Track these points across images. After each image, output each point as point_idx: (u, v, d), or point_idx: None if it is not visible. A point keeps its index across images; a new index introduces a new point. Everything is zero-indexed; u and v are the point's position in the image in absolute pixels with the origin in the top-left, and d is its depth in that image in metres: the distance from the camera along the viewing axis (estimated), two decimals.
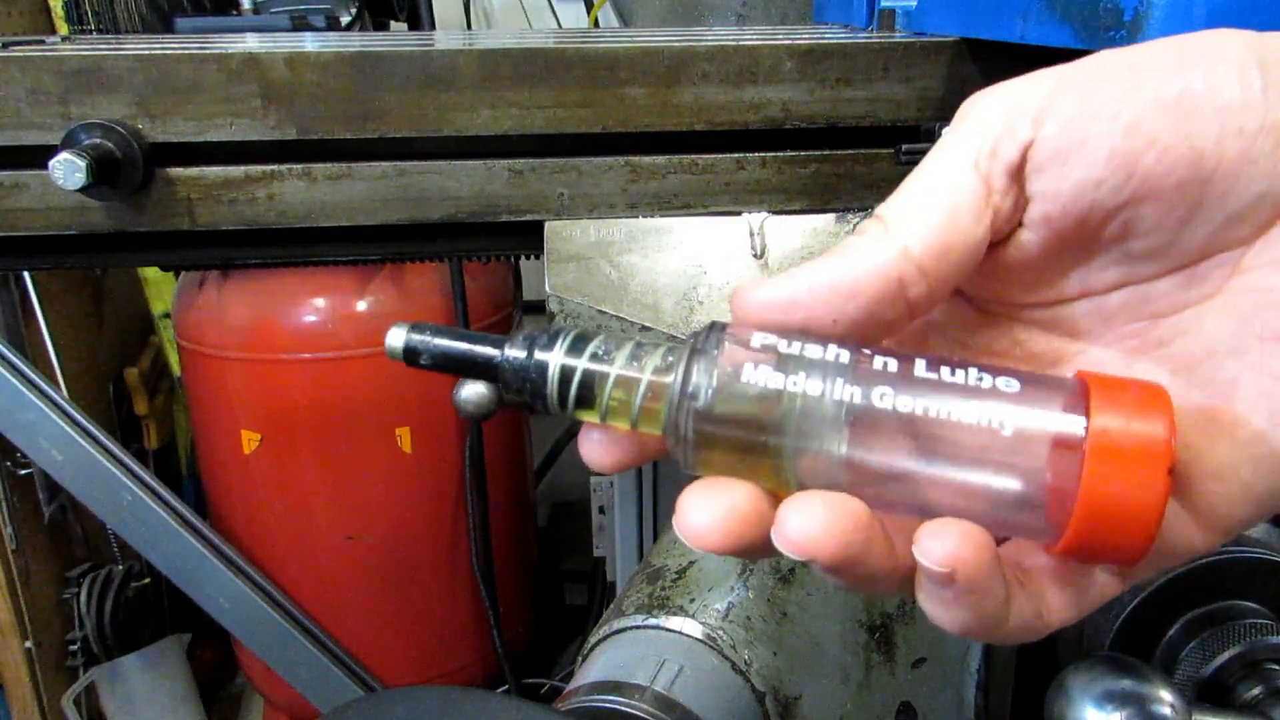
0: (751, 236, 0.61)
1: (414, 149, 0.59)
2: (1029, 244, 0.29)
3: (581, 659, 0.66)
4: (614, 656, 0.63)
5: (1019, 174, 0.28)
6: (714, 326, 0.28)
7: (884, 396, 0.26)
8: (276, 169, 0.59)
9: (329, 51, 0.57)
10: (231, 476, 1.44)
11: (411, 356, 0.29)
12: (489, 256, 0.67)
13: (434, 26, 1.45)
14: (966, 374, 0.26)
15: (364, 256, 0.66)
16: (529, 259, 0.68)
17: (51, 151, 0.53)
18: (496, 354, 0.28)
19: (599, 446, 0.30)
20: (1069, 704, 0.51)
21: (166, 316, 1.64)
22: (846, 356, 0.27)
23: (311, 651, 1.09)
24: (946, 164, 0.28)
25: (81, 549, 1.59)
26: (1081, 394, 0.26)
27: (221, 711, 1.79)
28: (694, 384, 0.27)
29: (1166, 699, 0.49)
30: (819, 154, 0.61)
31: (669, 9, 1.16)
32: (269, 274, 1.32)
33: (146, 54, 0.56)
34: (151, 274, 1.66)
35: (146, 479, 1.04)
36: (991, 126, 0.28)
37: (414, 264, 1.36)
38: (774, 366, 0.26)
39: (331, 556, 1.44)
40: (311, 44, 0.63)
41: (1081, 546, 0.25)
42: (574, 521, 1.92)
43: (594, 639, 0.66)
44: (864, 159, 0.61)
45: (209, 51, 0.57)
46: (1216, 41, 0.27)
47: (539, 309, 1.09)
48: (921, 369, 0.26)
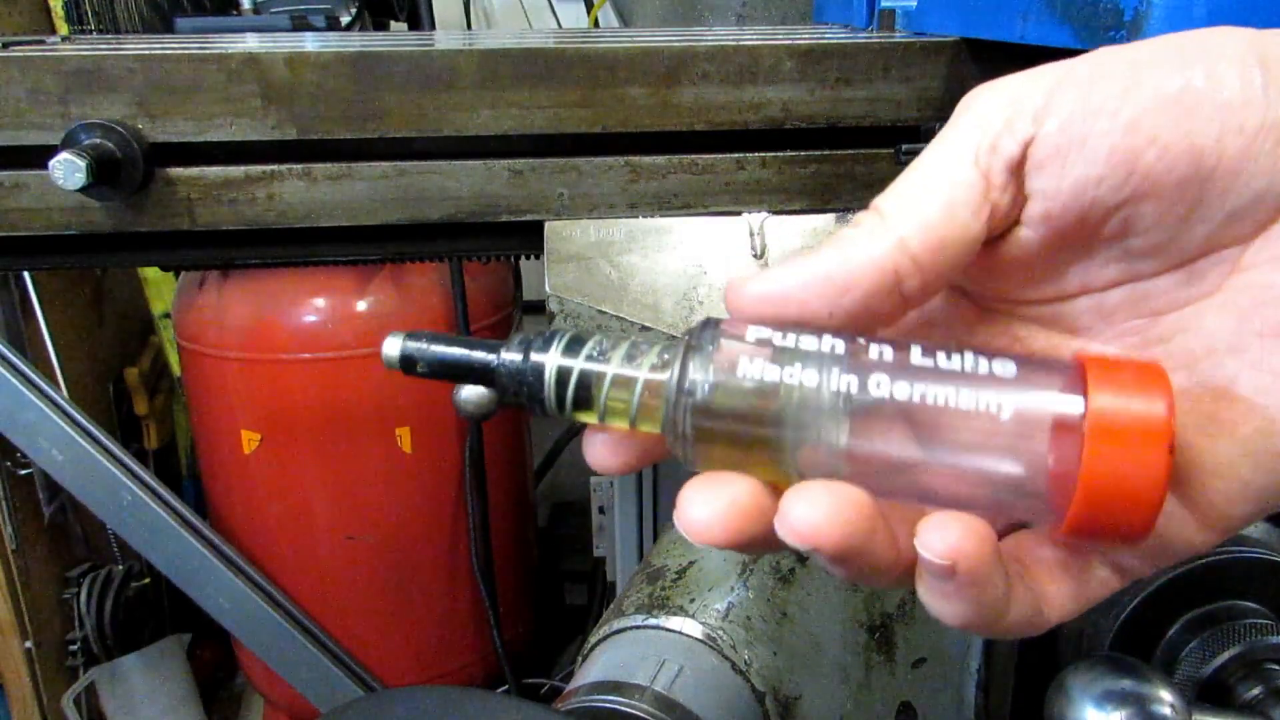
0: (751, 236, 0.61)
1: (414, 149, 0.59)
2: (1028, 241, 0.29)
3: (581, 659, 0.66)
4: (614, 656, 0.63)
5: (1019, 170, 0.28)
6: (708, 322, 0.28)
7: (880, 385, 0.26)
8: (276, 169, 0.59)
9: (329, 51, 0.57)
10: (231, 476, 1.44)
11: (408, 365, 0.29)
12: (489, 256, 0.67)
13: (434, 26, 1.45)
14: (963, 359, 0.26)
15: (364, 256, 0.66)
16: (529, 259, 0.68)
17: (51, 151, 0.53)
18: (492, 359, 0.28)
19: (604, 449, 0.30)
20: (1069, 704, 0.51)
21: (166, 316, 1.64)
22: (842, 347, 0.27)
23: (311, 651, 1.09)
24: (945, 158, 0.28)
25: (81, 549, 1.59)
26: (1079, 375, 0.26)
27: (221, 711, 1.79)
28: (690, 380, 0.27)
29: (1166, 699, 0.49)
30: (819, 154, 0.61)
31: (669, 9, 1.16)
32: (269, 274, 1.32)
33: (146, 54, 0.56)
34: (151, 274, 1.66)
35: (146, 479, 1.04)
36: (992, 121, 0.28)
37: (414, 264, 1.36)
38: (769, 359, 0.26)
39: (331, 556, 1.44)
40: (311, 44, 0.63)
41: (1085, 527, 0.25)
42: (574, 521, 1.92)
43: (594, 639, 0.66)
44: (864, 159, 0.62)
45: (209, 51, 0.57)
46: (1217, 39, 0.27)
47: (539, 309, 1.09)
48: (917, 356, 0.26)
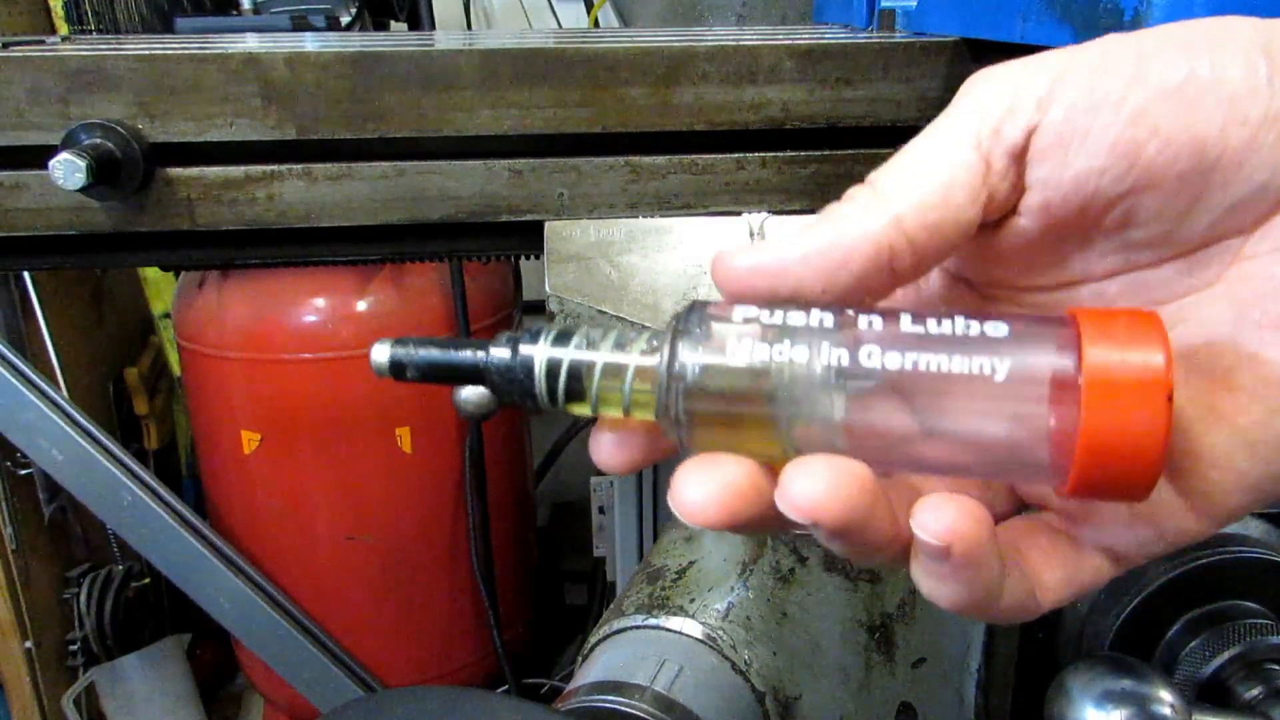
0: (751, 236, 0.61)
1: (414, 149, 0.59)
2: (1026, 230, 0.29)
3: (581, 659, 0.66)
4: (614, 656, 0.63)
5: (1020, 158, 0.27)
6: (695, 305, 0.28)
7: (872, 356, 0.25)
8: (276, 169, 0.59)
9: (329, 51, 0.57)
10: (231, 476, 1.44)
11: (397, 371, 0.29)
12: (489, 256, 0.67)
13: (434, 26, 1.45)
14: (954, 323, 0.26)
15: (364, 256, 0.66)
16: (529, 259, 0.68)
17: (51, 151, 0.53)
18: (481, 357, 0.28)
19: (610, 448, 0.30)
20: (1069, 704, 0.51)
21: (166, 316, 1.64)
22: (831, 320, 0.26)
23: (311, 651, 1.09)
24: (945, 138, 0.28)
25: (81, 549, 1.59)
26: (1073, 330, 0.25)
27: (221, 711, 1.79)
28: (680, 363, 0.26)
29: (1166, 699, 0.49)
30: (819, 154, 0.61)
31: (669, 9, 1.16)
32: (269, 274, 1.32)
33: (146, 54, 0.56)
34: (151, 274, 1.66)
35: (146, 479, 1.04)
36: (995, 106, 0.27)
37: (414, 264, 1.36)
38: (759, 337, 0.26)
39: (331, 556, 1.44)
40: (311, 44, 0.63)
41: (1088, 485, 0.25)
42: (574, 521, 1.92)
43: (594, 639, 0.66)
44: (864, 159, 0.62)
45: (209, 51, 0.57)
46: (1223, 28, 0.27)
47: (539, 309, 1.09)
48: (908, 324, 0.26)
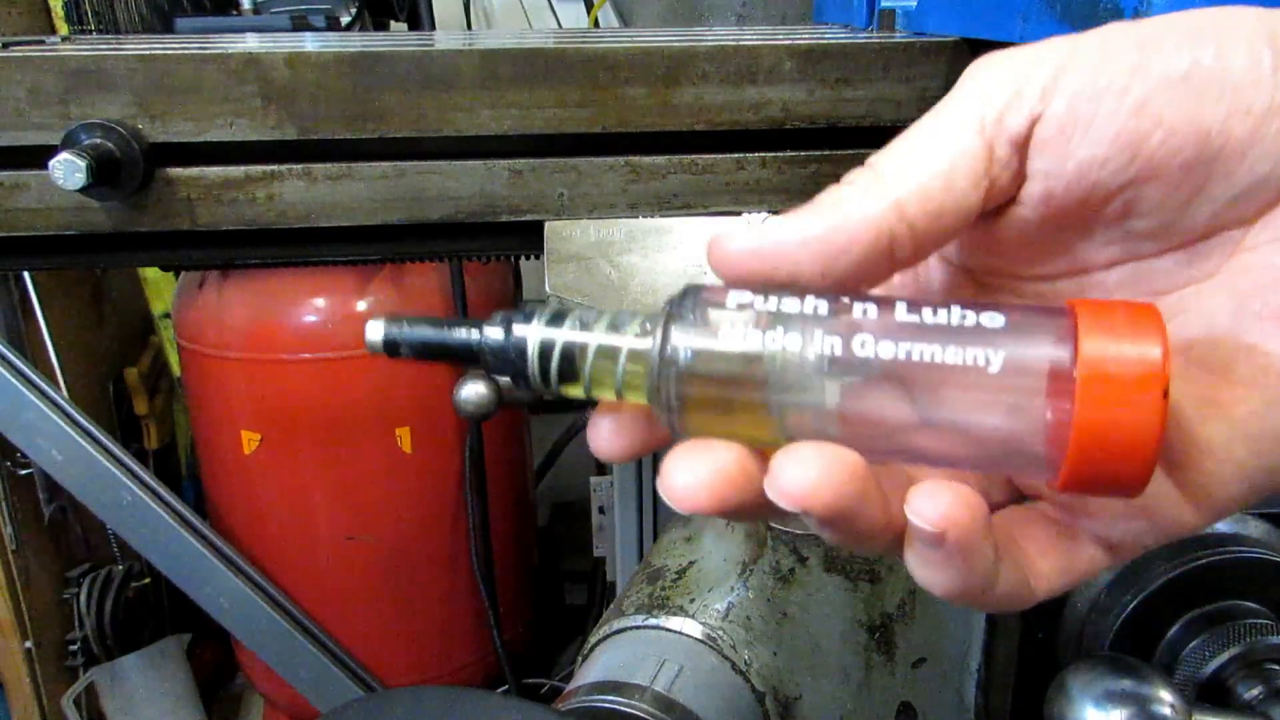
0: None
1: (414, 149, 0.59)
2: (1025, 220, 0.29)
3: (581, 659, 0.66)
4: (614, 656, 0.63)
5: (1023, 147, 0.27)
6: (690, 288, 0.28)
7: (865, 344, 0.25)
8: (276, 169, 0.59)
9: (329, 51, 0.57)
10: (231, 476, 1.44)
11: (391, 349, 0.28)
12: (489, 256, 0.67)
13: (434, 26, 1.45)
14: (949, 313, 0.26)
15: (364, 256, 0.66)
16: (529, 259, 0.68)
17: (51, 151, 0.53)
18: (475, 336, 0.28)
19: (608, 435, 0.30)
20: (1069, 704, 0.51)
21: (166, 316, 1.64)
22: (825, 307, 0.26)
23: (311, 651, 1.09)
24: (949, 123, 0.28)
25: (81, 549, 1.59)
26: (1070, 321, 0.25)
27: (221, 711, 1.79)
28: (672, 347, 0.26)
29: (1166, 699, 0.49)
30: (819, 154, 0.61)
31: (669, 9, 1.16)
32: (269, 274, 1.32)
33: (146, 54, 0.56)
34: (151, 274, 1.66)
35: (146, 479, 1.04)
36: (999, 93, 0.27)
37: (414, 264, 1.36)
38: (752, 323, 0.26)
39: (331, 556, 1.44)
40: (311, 44, 0.63)
41: (1081, 479, 0.24)
42: (574, 521, 1.92)
43: (594, 639, 0.66)
44: (864, 159, 0.61)
45: (209, 51, 0.57)
46: (1227, 17, 0.26)
47: None
48: (903, 312, 0.26)
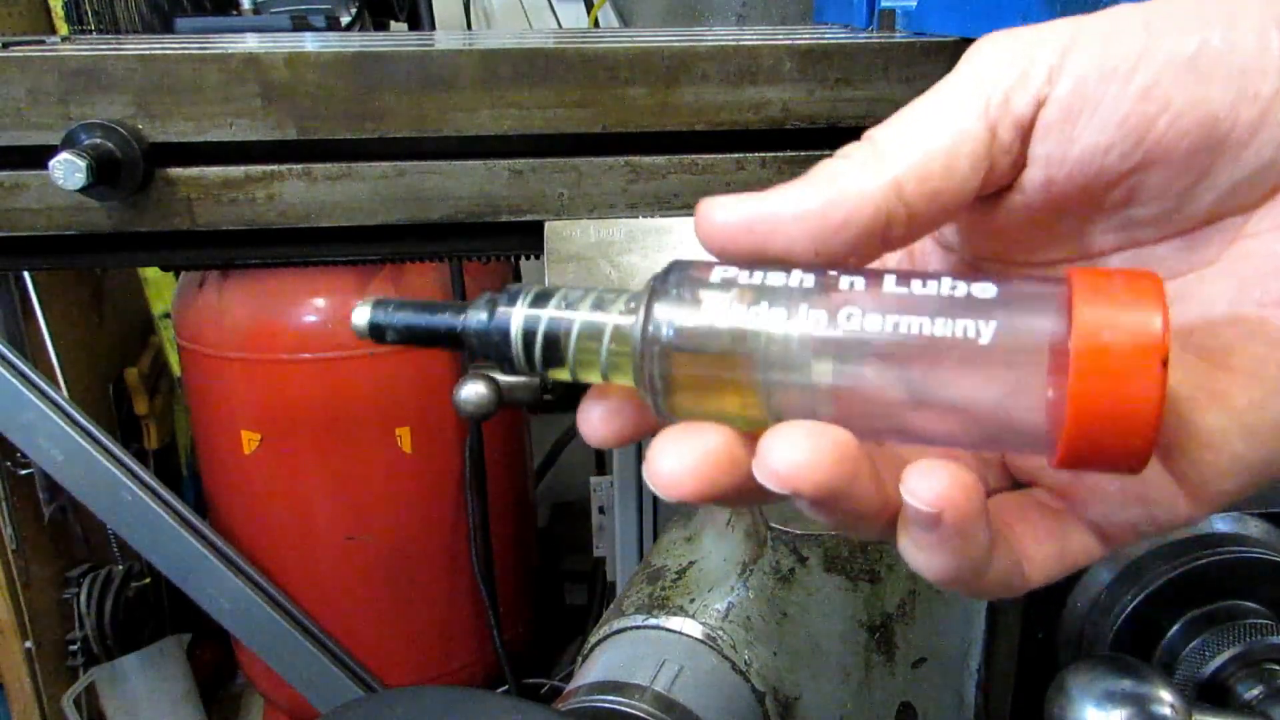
0: None
1: (414, 149, 0.59)
2: (1024, 207, 0.28)
3: (581, 659, 0.66)
4: (614, 656, 0.63)
5: (1027, 131, 0.26)
6: (675, 265, 0.27)
7: (853, 319, 0.24)
8: (276, 169, 0.59)
9: (329, 51, 0.57)
10: (231, 476, 1.44)
11: (377, 333, 0.28)
12: (489, 256, 0.67)
13: (434, 26, 1.45)
14: (939, 284, 0.25)
15: (364, 256, 0.66)
16: (529, 259, 0.68)
17: (51, 151, 0.53)
18: (459, 320, 0.27)
19: (597, 419, 0.29)
20: (1069, 704, 0.51)
21: (166, 316, 1.64)
22: (812, 281, 0.25)
23: (311, 651, 1.09)
24: (952, 102, 0.27)
25: (81, 549, 1.59)
26: (1066, 290, 0.24)
27: (221, 711, 1.79)
28: (655, 326, 0.25)
29: (1166, 699, 0.49)
30: (819, 154, 0.61)
31: (669, 9, 1.16)
32: (269, 274, 1.32)
33: (146, 54, 0.56)
34: (151, 274, 1.66)
35: (146, 479, 1.04)
36: (1004, 72, 0.26)
37: (414, 264, 1.36)
38: (737, 299, 0.25)
39: (331, 556, 1.44)
40: (311, 44, 0.63)
41: (1078, 455, 0.23)
42: (574, 521, 1.92)
43: (594, 639, 0.66)
44: None
45: (209, 51, 0.57)
46: (1235, 0, 0.26)
47: None
48: (891, 285, 0.25)
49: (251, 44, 0.66)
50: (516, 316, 0.27)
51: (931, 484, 0.24)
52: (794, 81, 0.59)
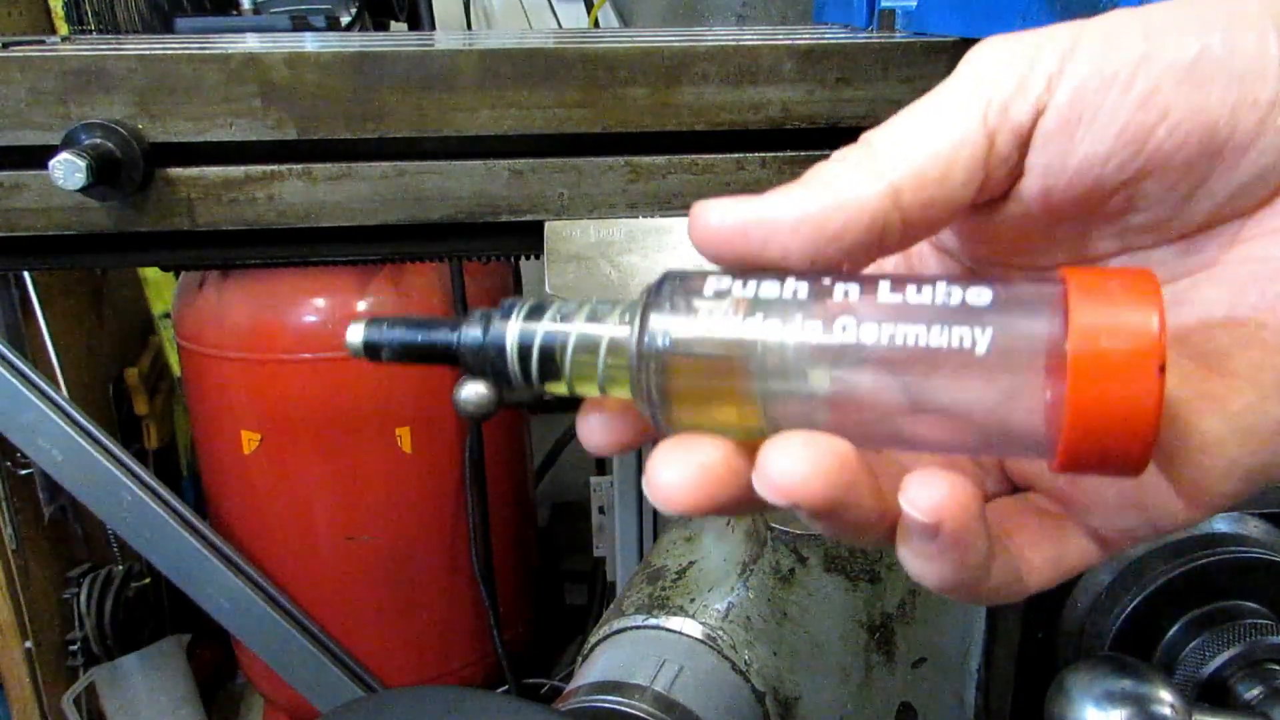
0: None
1: (414, 149, 0.59)
2: (1021, 216, 0.28)
3: (581, 659, 0.66)
4: (614, 656, 0.63)
5: (1025, 141, 0.26)
6: (668, 275, 0.27)
7: (847, 328, 0.24)
8: (276, 169, 0.59)
9: (329, 51, 0.57)
10: (231, 476, 1.44)
11: (372, 352, 0.28)
12: (489, 256, 0.67)
13: (434, 26, 1.45)
14: (934, 291, 0.24)
15: (364, 256, 0.66)
16: (529, 259, 0.68)
17: (51, 151, 0.53)
18: (453, 337, 0.27)
19: (596, 428, 0.29)
20: (1069, 704, 0.51)
21: (166, 316, 1.64)
22: (806, 289, 0.25)
23: (311, 651, 1.09)
24: (950, 108, 0.27)
25: (81, 549, 1.59)
26: (1061, 294, 0.24)
27: (221, 711, 1.79)
28: (649, 339, 0.25)
29: (1166, 699, 0.49)
30: (819, 154, 0.61)
31: (669, 9, 1.16)
32: (269, 274, 1.32)
33: (146, 54, 0.56)
34: (151, 274, 1.66)
35: (146, 479, 1.04)
36: (1004, 79, 0.26)
37: (414, 264, 1.36)
38: (732, 309, 0.25)
39: (331, 556, 1.44)
40: (311, 44, 0.63)
41: (1077, 459, 0.23)
42: (574, 521, 1.92)
43: (594, 639, 0.66)
44: None
45: (209, 51, 0.57)
46: (1235, 2, 0.26)
47: None
48: (885, 292, 0.25)
49: (251, 44, 0.66)
50: (511, 331, 0.27)
51: (930, 494, 0.24)
52: (794, 81, 0.59)
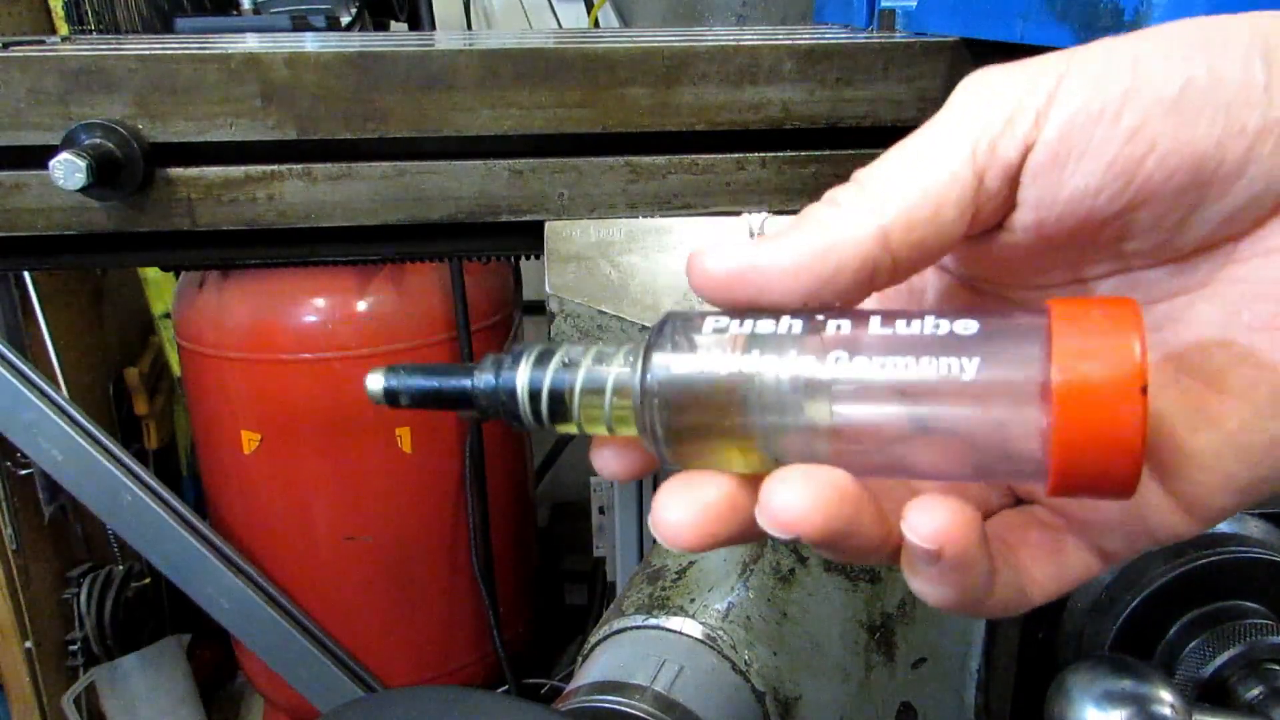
0: (751, 237, 0.61)
1: (414, 149, 0.59)
2: (1014, 245, 0.28)
3: (581, 659, 0.66)
4: (614, 656, 0.63)
5: (1014, 177, 0.27)
6: (668, 317, 0.28)
7: (840, 361, 0.25)
8: (276, 169, 0.59)
9: (329, 51, 0.57)
10: (231, 476, 1.44)
11: (392, 398, 0.29)
12: (489, 256, 0.67)
13: (434, 26, 1.45)
14: (923, 324, 0.25)
15: (364, 256, 0.66)
16: (529, 259, 0.68)
17: (51, 151, 0.53)
18: (468, 383, 0.29)
19: (611, 459, 0.30)
20: (1069, 704, 0.51)
21: (166, 316, 1.64)
22: (800, 326, 0.26)
23: (311, 651, 1.09)
24: (939, 147, 0.27)
25: (81, 549, 1.59)
26: (1045, 323, 0.24)
27: (221, 711, 1.79)
28: (651, 380, 0.27)
29: (1166, 699, 0.49)
30: (819, 154, 0.61)
31: (669, 9, 1.16)
32: (269, 274, 1.33)
33: (147, 54, 0.56)
34: (151, 274, 1.66)
35: (146, 479, 1.04)
36: (992, 117, 0.26)
37: (414, 264, 1.36)
38: (730, 347, 0.26)
39: (331, 556, 1.44)
40: (311, 44, 0.63)
41: (1069, 484, 0.24)
42: (574, 521, 1.92)
43: (594, 639, 0.66)
44: (864, 159, 0.61)
45: (209, 51, 0.57)
46: (1221, 28, 0.26)
47: (539, 309, 1.09)
48: (876, 326, 0.26)
49: (251, 44, 0.66)
50: (521, 377, 0.29)
51: (931, 520, 0.25)
52: (794, 81, 0.59)
